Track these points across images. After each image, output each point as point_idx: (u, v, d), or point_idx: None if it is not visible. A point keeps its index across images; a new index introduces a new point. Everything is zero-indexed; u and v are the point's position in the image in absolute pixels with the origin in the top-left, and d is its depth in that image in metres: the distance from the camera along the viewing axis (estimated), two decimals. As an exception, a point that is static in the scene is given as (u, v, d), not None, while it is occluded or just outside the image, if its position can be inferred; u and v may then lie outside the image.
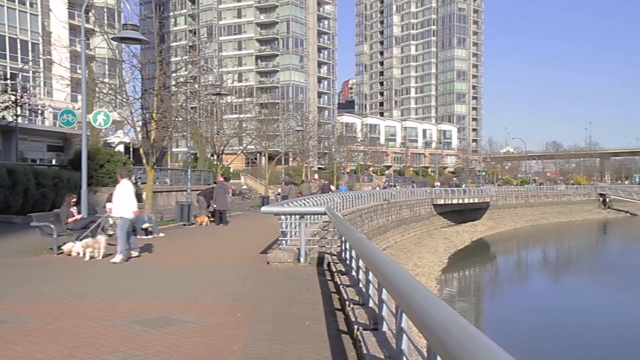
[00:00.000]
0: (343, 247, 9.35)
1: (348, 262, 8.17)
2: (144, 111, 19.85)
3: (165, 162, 57.00)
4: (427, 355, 2.64)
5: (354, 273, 7.20)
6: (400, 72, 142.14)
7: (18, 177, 19.11)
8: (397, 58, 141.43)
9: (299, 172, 58.85)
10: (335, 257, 9.92)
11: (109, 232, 13.74)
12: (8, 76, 40.17)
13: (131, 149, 40.91)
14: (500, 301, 24.75)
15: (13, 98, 35.13)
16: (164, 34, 36.70)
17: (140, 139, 20.90)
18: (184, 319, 6.02)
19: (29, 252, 11.75)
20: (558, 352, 15.54)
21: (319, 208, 12.17)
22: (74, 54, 48.75)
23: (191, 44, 56.36)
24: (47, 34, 50.81)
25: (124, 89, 19.90)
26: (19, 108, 35.46)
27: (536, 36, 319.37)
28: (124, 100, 19.67)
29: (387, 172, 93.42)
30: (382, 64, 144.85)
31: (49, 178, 20.97)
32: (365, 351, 4.26)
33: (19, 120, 36.36)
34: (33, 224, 11.89)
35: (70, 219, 12.42)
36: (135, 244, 11.60)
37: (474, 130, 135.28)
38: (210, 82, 36.78)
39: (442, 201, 45.33)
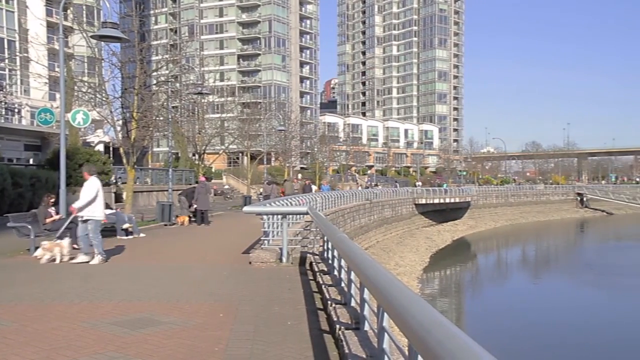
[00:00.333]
0: (325, 247, 9.36)
1: (330, 261, 8.18)
2: (124, 110, 19.66)
3: (146, 162, 56.53)
4: (408, 354, 2.65)
5: (336, 273, 7.21)
6: (382, 72, 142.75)
7: (-6, 177, 18.75)
8: (379, 58, 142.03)
9: (281, 172, 58.77)
10: (317, 257, 9.93)
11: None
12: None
13: (111, 149, 40.45)
14: (480, 300, 25.03)
15: (-11, 96, 34.42)
16: (144, 33, 36.34)
17: (120, 138, 20.70)
18: (164, 320, 5.97)
19: (5, 254, 11.52)
20: (537, 350, 15.77)
21: (301, 208, 12.17)
22: (52, 52, 47.89)
23: (172, 42, 55.90)
24: (24, 32, 49.82)
25: (103, 87, 19.68)
26: (-5, 106, 34.81)
27: (515, 36, 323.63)
28: (103, 99, 19.44)
29: (369, 172, 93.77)
30: (364, 64, 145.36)
31: (27, 178, 20.60)
32: (347, 350, 4.27)
33: (-5, 118, 35.72)
34: (10, 224, 11.68)
35: (49, 220, 12.22)
36: (88, 249, 10.53)
37: (455, 130, 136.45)
38: (191, 81, 36.49)
39: (423, 201, 45.68)
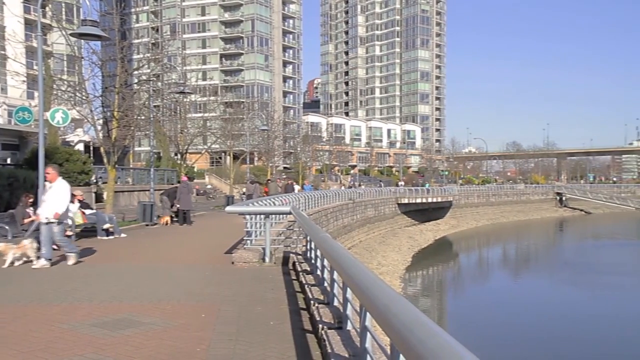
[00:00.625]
0: (308, 247, 9.36)
1: (313, 261, 8.17)
2: (105, 109, 19.43)
3: (128, 162, 55.88)
4: (390, 353, 2.66)
5: (319, 272, 7.21)
6: (365, 72, 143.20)
7: (-30, 176, 18.39)
8: (362, 58, 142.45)
9: (264, 172, 58.61)
10: (300, 257, 9.92)
11: (67, 234, 13.37)
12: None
13: (91, 148, 39.90)
14: (462, 298, 25.25)
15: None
16: (125, 31, 35.91)
17: (101, 137, 20.46)
18: (145, 321, 5.90)
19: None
20: (517, 346, 15.97)
21: (284, 208, 12.15)
22: (30, 50, 47.05)
23: (154, 41, 55.37)
24: (0, 29, 48.95)
25: (83, 86, 19.41)
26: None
27: (496, 37, 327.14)
28: (83, 97, 19.18)
29: (352, 171, 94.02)
30: (347, 64, 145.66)
31: (4, 177, 20.21)
32: (329, 350, 4.27)
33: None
34: (-14, 225, 11.47)
35: (27, 220, 12.03)
36: (51, 254, 9.98)
37: (437, 130, 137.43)
38: (173, 81, 36.21)
39: (406, 200, 45.95)
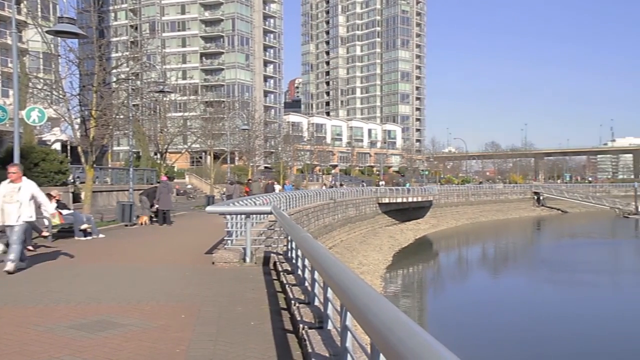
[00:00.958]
0: (289, 247, 9.34)
1: (294, 261, 8.16)
2: (83, 108, 19.15)
3: (106, 161, 55.19)
4: (371, 353, 2.67)
5: (299, 272, 7.20)
6: (345, 72, 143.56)
7: (-58, 176, 17.92)
8: (343, 58, 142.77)
9: (245, 172, 58.37)
10: (281, 257, 9.90)
11: (44, 234, 13.15)
12: None
13: (69, 147, 39.29)
14: (442, 297, 25.48)
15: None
16: (103, 29, 35.46)
17: (78, 136, 20.14)
18: (124, 322, 5.83)
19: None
20: (496, 344, 16.17)
21: (265, 207, 12.10)
22: (5, 47, 46.23)
23: (133, 39, 54.70)
24: (-26, 26, 47.90)
25: (60, 84, 19.08)
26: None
27: (474, 37, 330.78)
28: (60, 96, 18.86)
29: (333, 171, 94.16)
30: (328, 63, 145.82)
31: (-22, 177, 19.80)
32: (310, 350, 4.27)
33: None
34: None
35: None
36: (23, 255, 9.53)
37: (417, 130, 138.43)
38: (153, 79, 35.79)
39: (387, 200, 46.20)
